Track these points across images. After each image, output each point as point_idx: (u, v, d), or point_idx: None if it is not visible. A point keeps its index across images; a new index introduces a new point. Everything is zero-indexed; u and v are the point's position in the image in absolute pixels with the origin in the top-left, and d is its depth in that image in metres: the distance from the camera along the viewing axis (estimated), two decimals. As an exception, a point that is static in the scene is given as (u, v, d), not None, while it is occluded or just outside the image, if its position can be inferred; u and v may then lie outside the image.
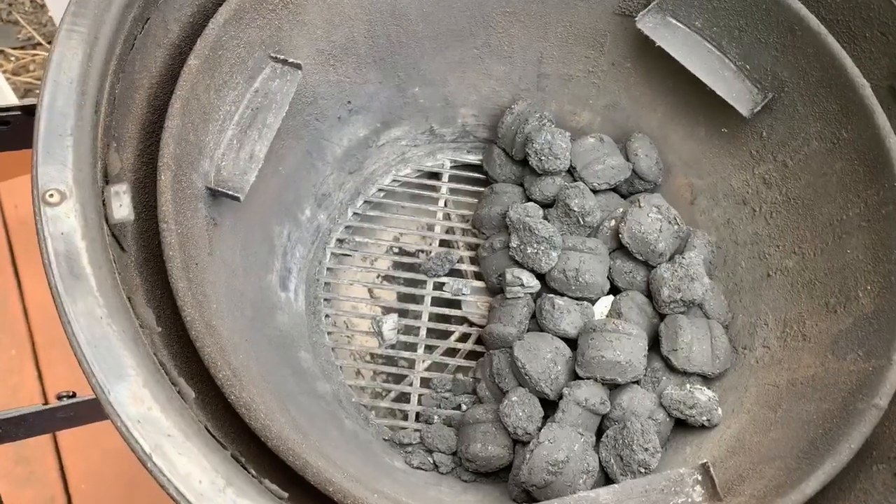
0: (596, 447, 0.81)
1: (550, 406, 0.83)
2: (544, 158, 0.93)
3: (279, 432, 0.58)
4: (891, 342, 0.67)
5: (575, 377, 0.83)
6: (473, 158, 1.07)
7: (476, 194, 1.03)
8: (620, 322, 0.82)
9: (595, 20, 0.94)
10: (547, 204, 0.95)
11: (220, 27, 0.72)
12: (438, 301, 0.97)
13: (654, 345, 0.86)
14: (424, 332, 0.94)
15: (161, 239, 0.61)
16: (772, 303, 0.85)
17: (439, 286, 0.97)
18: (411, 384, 0.92)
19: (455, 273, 0.99)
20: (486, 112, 1.03)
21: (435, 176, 1.06)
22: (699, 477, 0.67)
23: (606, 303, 0.90)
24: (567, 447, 0.76)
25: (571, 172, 0.96)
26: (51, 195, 0.55)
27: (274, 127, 0.76)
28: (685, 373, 0.84)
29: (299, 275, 0.92)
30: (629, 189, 0.98)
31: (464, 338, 0.95)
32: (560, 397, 0.81)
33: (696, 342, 0.83)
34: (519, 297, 0.89)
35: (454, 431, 0.86)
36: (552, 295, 0.89)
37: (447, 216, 1.03)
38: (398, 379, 0.93)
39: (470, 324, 0.96)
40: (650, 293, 0.89)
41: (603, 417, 0.82)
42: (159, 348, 0.58)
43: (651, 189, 0.98)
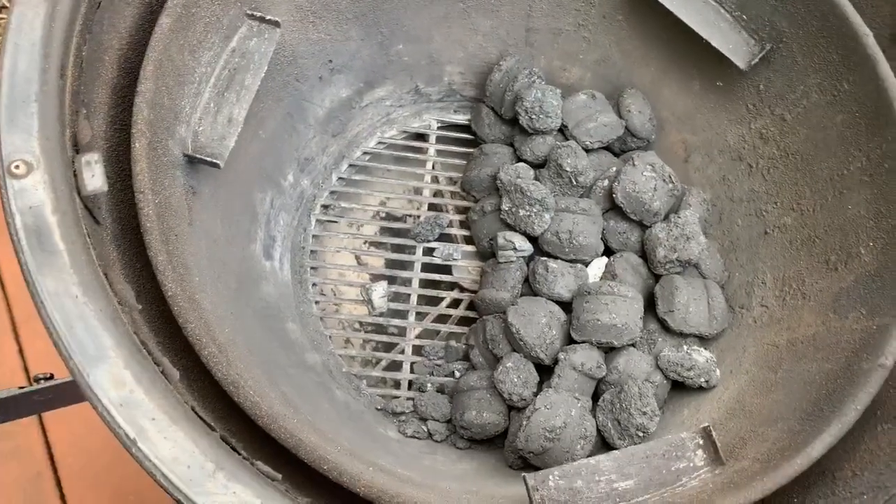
0: (593, 411, 0.79)
1: (545, 371, 0.82)
2: (535, 117, 0.90)
3: (269, 410, 0.56)
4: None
5: (570, 341, 0.82)
6: (461, 118, 1.03)
7: (465, 156, 1.00)
8: (615, 284, 0.80)
9: (585, -30, 0.90)
10: (538, 164, 0.93)
11: (192, -18, 0.67)
12: (428, 267, 0.94)
13: (650, 306, 0.84)
14: (415, 299, 0.92)
15: (138, 210, 0.58)
16: (770, 261, 0.83)
17: (429, 252, 0.95)
18: (403, 352, 0.90)
19: (445, 238, 0.97)
20: (474, 69, 0.99)
21: (421, 137, 1.03)
22: (700, 441, 0.66)
23: (601, 264, 0.88)
24: (564, 412, 0.74)
25: (563, 131, 0.93)
26: (16, 166, 0.51)
27: (253, 88, 0.72)
28: (682, 334, 0.82)
29: (284, 243, 0.89)
30: (622, 147, 0.96)
31: (455, 304, 0.93)
32: (556, 362, 0.79)
33: (693, 302, 0.82)
34: (511, 261, 0.87)
35: (448, 399, 0.85)
36: (545, 258, 0.86)
37: (435, 179, 1.00)
38: (389, 347, 0.91)
39: (461, 289, 0.94)
40: (645, 254, 0.87)
41: (599, 381, 0.81)
42: (140, 326, 0.56)
43: (644, 147, 0.96)
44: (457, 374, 0.88)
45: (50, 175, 0.51)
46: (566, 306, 0.84)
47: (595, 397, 0.81)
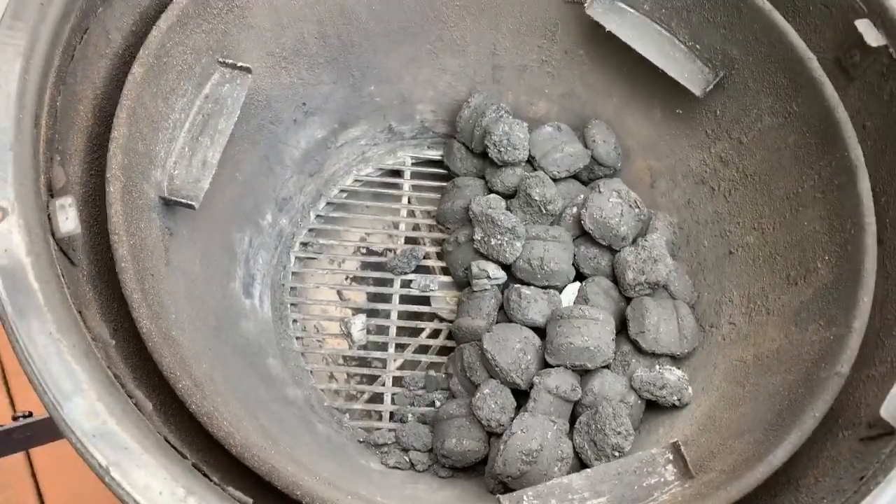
0: (570, 434, 0.81)
1: (523, 396, 0.83)
2: (503, 150, 0.93)
3: (243, 440, 0.57)
4: (850, 310, 0.67)
5: (545, 366, 0.83)
6: (434, 154, 1.07)
7: (439, 189, 1.03)
8: (587, 308, 0.82)
9: (545, 9, 0.94)
10: (509, 195, 0.95)
11: (164, 34, 0.71)
12: (407, 298, 0.96)
13: (623, 328, 0.86)
14: (395, 331, 0.94)
15: (112, 251, 0.60)
16: (735, 279, 0.86)
17: (407, 284, 0.97)
18: (384, 384, 0.92)
19: (422, 269, 0.99)
20: (444, 107, 1.03)
21: (397, 174, 1.06)
22: (670, 456, 0.67)
23: (574, 290, 0.90)
24: (540, 436, 0.76)
25: (531, 162, 0.96)
26: (-8, 212, 0.54)
27: (226, 132, 0.75)
28: (654, 354, 0.84)
29: (263, 281, 0.91)
30: (589, 175, 0.99)
31: (435, 334, 0.95)
32: (531, 386, 0.81)
33: (663, 323, 0.84)
34: (486, 290, 0.89)
35: (429, 428, 0.86)
36: (519, 285, 0.88)
37: (412, 213, 1.03)
38: (371, 380, 0.93)
39: (440, 319, 0.96)
40: (615, 277, 0.89)
41: (575, 404, 0.82)
42: (115, 361, 0.57)
43: (611, 174, 0.98)
44: (437, 404, 0.90)
45: (24, 219, 0.54)
46: (541, 332, 0.86)
47: (573, 420, 0.82)
